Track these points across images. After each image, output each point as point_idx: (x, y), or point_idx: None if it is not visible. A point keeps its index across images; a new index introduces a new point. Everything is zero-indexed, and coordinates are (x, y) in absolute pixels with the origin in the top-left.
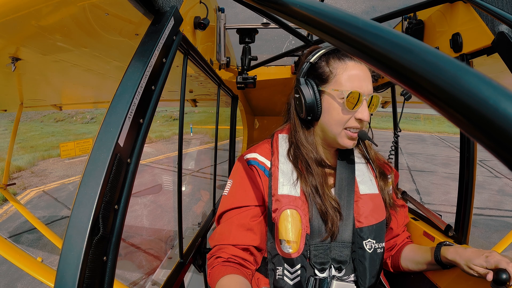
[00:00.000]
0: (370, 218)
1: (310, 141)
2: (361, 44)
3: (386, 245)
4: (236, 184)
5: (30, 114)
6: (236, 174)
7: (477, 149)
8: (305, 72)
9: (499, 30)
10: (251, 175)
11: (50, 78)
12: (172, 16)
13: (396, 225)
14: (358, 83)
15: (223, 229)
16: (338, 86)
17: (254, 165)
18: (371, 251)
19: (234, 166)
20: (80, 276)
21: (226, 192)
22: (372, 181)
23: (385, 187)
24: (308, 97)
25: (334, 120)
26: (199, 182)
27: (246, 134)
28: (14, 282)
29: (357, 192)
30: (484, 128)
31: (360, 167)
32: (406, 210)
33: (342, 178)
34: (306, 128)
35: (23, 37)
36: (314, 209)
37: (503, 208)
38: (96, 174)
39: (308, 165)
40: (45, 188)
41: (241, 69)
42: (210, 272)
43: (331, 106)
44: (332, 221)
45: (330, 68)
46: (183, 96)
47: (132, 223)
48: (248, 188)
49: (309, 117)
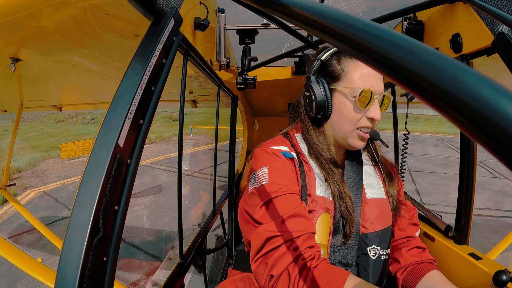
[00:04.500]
0: (376, 224)
1: (321, 141)
2: (361, 45)
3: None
4: (275, 171)
5: (30, 114)
6: (269, 162)
7: (477, 150)
8: (315, 70)
9: (499, 31)
10: (287, 163)
11: (50, 78)
12: (172, 17)
13: (398, 228)
14: (370, 81)
15: (294, 219)
16: (350, 84)
17: (288, 157)
18: (375, 257)
19: (259, 156)
20: (80, 276)
21: (264, 181)
22: (379, 185)
23: (392, 190)
24: (319, 95)
25: (345, 119)
26: (199, 182)
27: (246, 134)
28: (14, 282)
29: (364, 196)
30: (484, 128)
31: (368, 170)
32: (414, 214)
33: (349, 181)
34: (316, 127)
35: (23, 38)
36: (338, 212)
37: (503, 209)
38: (96, 174)
39: (329, 166)
40: (45, 188)
41: (241, 69)
42: (317, 272)
43: (342, 105)
44: (351, 224)
45: (341, 66)
46: (183, 96)
47: (132, 224)
48: (290, 175)
49: (319, 116)
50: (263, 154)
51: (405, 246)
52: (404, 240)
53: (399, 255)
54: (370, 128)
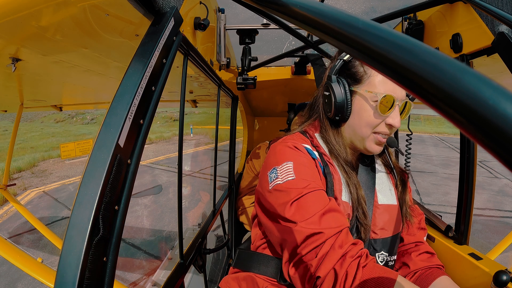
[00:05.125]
0: (385, 231)
1: (339, 142)
2: (361, 45)
3: (399, 249)
4: (301, 166)
5: (30, 114)
6: (293, 157)
7: (477, 150)
8: (337, 69)
9: (499, 31)
10: (311, 160)
11: (50, 78)
12: (172, 17)
13: (407, 232)
14: (393, 87)
15: (330, 214)
16: (372, 88)
17: (310, 153)
18: (382, 263)
19: (280, 151)
20: (80, 276)
21: (290, 177)
22: (391, 191)
23: (405, 196)
24: (339, 96)
25: (363, 122)
26: (199, 182)
27: (246, 134)
28: (14, 282)
29: (376, 201)
30: (483, 128)
31: (380, 175)
32: (422, 219)
33: (363, 185)
34: (334, 128)
35: (23, 38)
36: (354, 217)
37: (503, 209)
38: (96, 174)
39: (348, 169)
40: (46, 188)
41: (241, 69)
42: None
43: (362, 108)
44: (367, 229)
45: (364, 68)
46: (183, 97)
47: (132, 224)
48: (315, 171)
49: (337, 117)
50: (284, 148)
51: (414, 250)
52: (413, 245)
53: (409, 260)
54: (388, 134)
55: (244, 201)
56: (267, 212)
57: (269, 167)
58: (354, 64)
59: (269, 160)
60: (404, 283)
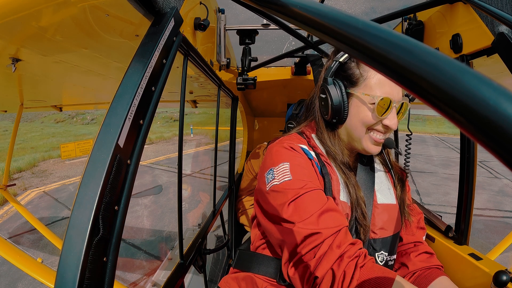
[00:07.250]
0: (385, 230)
1: (335, 143)
2: (361, 45)
3: (398, 249)
4: (298, 167)
5: (30, 115)
6: (289, 157)
7: (477, 150)
8: (333, 71)
9: (499, 31)
10: (308, 160)
11: (50, 79)
12: (172, 17)
13: (406, 232)
14: (389, 88)
15: (328, 214)
16: (369, 91)
17: (306, 153)
18: (382, 263)
19: (277, 152)
20: (80, 277)
21: (287, 178)
22: (390, 190)
23: (403, 195)
24: (336, 98)
25: (360, 123)
26: (199, 183)
27: (246, 135)
28: (15, 282)
29: (375, 201)
30: (484, 128)
31: (379, 174)
32: (421, 218)
33: (361, 185)
34: (330, 130)
35: (23, 38)
36: (353, 217)
37: (503, 209)
38: (96, 175)
39: (345, 169)
40: (46, 188)
41: (241, 70)
42: (364, 272)
43: (359, 110)
44: (366, 230)
45: (360, 70)
46: (183, 97)
47: (132, 224)
48: (312, 171)
49: (334, 120)
50: (281, 149)
51: (413, 251)
52: (412, 245)
53: (408, 260)
54: (383, 133)
55: (244, 203)
56: (266, 213)
57: (266, 168)
58: (349, 66)
59: (266, 161)
60: (403, 283)
